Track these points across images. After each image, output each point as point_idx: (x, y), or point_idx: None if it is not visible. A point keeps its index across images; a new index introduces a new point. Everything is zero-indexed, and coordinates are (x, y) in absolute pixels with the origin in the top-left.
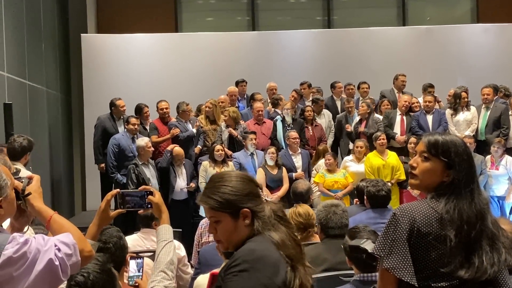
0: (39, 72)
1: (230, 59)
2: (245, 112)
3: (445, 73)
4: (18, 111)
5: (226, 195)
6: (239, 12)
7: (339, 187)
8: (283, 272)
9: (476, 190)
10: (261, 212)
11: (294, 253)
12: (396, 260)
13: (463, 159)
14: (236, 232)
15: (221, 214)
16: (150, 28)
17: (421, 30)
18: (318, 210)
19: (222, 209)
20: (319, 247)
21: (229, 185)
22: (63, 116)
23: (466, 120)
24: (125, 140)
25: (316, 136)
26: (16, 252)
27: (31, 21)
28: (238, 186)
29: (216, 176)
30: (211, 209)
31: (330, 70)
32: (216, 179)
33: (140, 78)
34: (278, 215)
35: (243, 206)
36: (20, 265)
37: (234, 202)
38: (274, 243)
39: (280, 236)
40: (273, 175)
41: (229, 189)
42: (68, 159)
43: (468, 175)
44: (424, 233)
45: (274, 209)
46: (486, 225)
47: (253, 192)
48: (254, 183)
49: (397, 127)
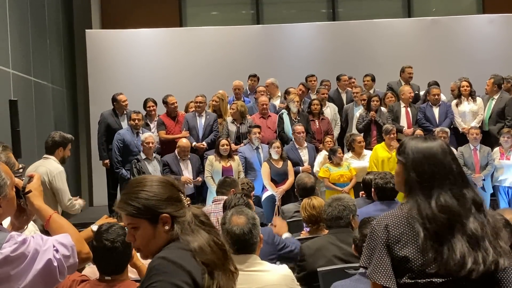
0: (44, 68)
1: (235, 53)
2: (250, 106)
3: (450, 64)
4: (23, 107)
5: (144, 200)
6: (243, 6)
7: (345, 180)
8: (198, 279)
9: (440, 188)
10: (182, 217)
11: (213, 259)
12: (374, 267)
13: (414, 158)
14: (155, 239)
15: (139, 220)
16: (155, 23)
17: (426, 21)
18: (324, 205)
19: (140, 216)
20: (324, 239)
21: (148, 190)
22: (68, 112)
23: (472, 111)
24: (129, 135)
25: (323, 129)
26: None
27: (35, 18)
28: (156, 191)
29: (134, 181)
30: (128, 216)
31: (335, 63)
32: (134, 184)
33: (145, 73)
34: (200, 220)
35: (162, 211)
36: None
37: (152, 208)
38: (190, 249)
39: (198, 242)
40: (278, 169)
41: (147, 194)
42: (74, 155)
43: (423, 174)
44: (397, 235)
45: (196, 213)
46: (461, 222)
47: (173, 197)
48: (174, 187)
49: (403, 120)
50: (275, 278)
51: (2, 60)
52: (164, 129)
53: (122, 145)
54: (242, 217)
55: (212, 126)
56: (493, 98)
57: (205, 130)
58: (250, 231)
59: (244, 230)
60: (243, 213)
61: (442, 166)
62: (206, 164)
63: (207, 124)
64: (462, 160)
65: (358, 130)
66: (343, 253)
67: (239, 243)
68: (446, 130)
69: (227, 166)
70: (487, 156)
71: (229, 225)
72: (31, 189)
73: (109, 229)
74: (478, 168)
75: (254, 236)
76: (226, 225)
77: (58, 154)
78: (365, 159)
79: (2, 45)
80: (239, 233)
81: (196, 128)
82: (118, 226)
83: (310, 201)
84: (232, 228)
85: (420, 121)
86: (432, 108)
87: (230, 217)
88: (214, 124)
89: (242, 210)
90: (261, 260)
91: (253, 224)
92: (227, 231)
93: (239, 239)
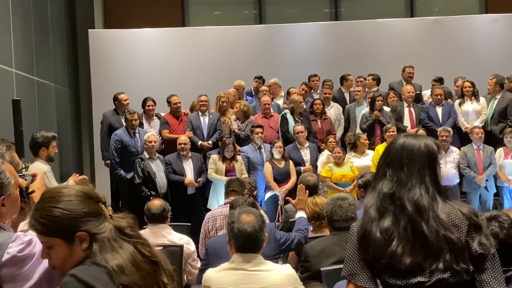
0: (47, 68)
1: (237, 53)
2: (253, 106)
3: (453, 64)
4: (26, 107)
5: (57, 218)
6: (246, 5)
7: (347, 180)
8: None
9: (386, 186)
10: (101, 233)
11: (135, 280)
12: (349, 267)
13: (393, 147)
14: (71, 258)
15: (52, 239)
16: (157, 22)
17: (429, 21)
18: (327, 203)
19: (53, 235)
20: (327, 240)
21: (62, 206)
22: (71, 111)
23: (475, 110)
24: (126, 135)
25: (325, 129)
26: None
27: (38, 18)
28: (72, 207)
29: (48, 194)
30: (40, 235)
31: (338, 63)
32: (47, 199)
33: (147, 72)
34: (124, 233)
35: (78, 229)
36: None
37: (66, 226)
38: (107, 269)
39: (118, 261)
40: (280, 168)
41: (61, 211)
42: (77, 154)
43: (378, 172)
44: (363, 234)
45: (120, 226)
46: (411, 220)
47: (91, 212)
48: (93, 200)
49: (406, 120)
50: (278, 278)
51: (5, 60)
52: (167, 128)
53: (120, 146)
54: (252, 215)
55: (216, 125)
56: (495, 98)
57: (209, 129)
58: (261, 228)
59: (256, 228)
60: (251, 212)
61: (413, 160)
62: (209, 163)
63: (211, 123)
64: (465, 160)
65: (362, 130)
66: None
67: (250, 241)
68: (448, 130)
69: (230, 166)
70: (490, 155)
71: (239, 224)
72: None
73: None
74: (482, 168)
75: (263, 234)
76: (235, 224)
77: (43, 154)
78: (368, 158)
79: (5, 45)
80: (250, 231)
81: (201, 128)
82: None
83: (313, 199)
84: (243, 227)
85: (423, 121)
86: (436, 108)
87: (238, 216)
88: (218, 123)
89: (249, 209)
90: (264, 259)
91: (263, 222)
92: (237, 230)
93: (251, 237)
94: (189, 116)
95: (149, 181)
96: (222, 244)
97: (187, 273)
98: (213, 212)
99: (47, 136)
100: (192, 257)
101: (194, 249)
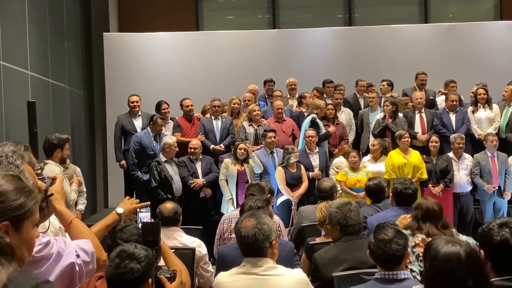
0: (62, 70)
1: (250, 57)
2: (265, 110)
3: (467, 70)
4: (41, 109)
5: None
6: (259, 10)
7: (361, 186)
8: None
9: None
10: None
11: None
12: None
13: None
14: None
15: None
16: (171, 26)
17: (443, 27)
18: (332, 211)
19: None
20: (336, 247)
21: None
22: (85, 114)
23: (489, 118)
24: (147, 138)
25: (337, 134)
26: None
27: (54, 21)
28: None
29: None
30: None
31: (351, 68)
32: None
33: (161, 76)
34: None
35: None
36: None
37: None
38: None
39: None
40: (292, 173)
41: None
42: (91, 156)
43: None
44: None
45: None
46: None
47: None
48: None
49: (417, 126)
50: (290, 283)
51: (20, 62)
52: (180, 131)
53: (139, 147)
54: (252, 220)
55: (229, 129)
56: (510, 105)
57: (222, 133)
58: (254, 235)
59: (249, 234)
60: (254, 216)
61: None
62: (221, 167)
63: (224, 127)
64: (478, 168)
65: (374, 136)
66: (357, 261)
67: (244, 245)
68: (462, 136)
69: (241, 169)
70: (505, 162)
71: (240, 228)
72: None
73: (124, 229)
74: (496, 176)
75: (259, 241)
76: (237, 228)
77: (57, 156)
78: (381, 164)
79: (21, 47)
80: (244, 235)
81: (213, 131)
82: (133, 225)
83: (327, 203)
84: (242, 231)
85: (436, 127)
86: (449, 114)
87: (242, 220)
88: (231, 127)
89: (257, 213)
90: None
91: (260, 229)
92: (239, 234)
93: (243, 241)
94: (202, 120)
95: (166, 184)
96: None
97: (198, 276)
98: (230, 214)
99: (62, 138)
100: (203, 260)
101: (205, 252)
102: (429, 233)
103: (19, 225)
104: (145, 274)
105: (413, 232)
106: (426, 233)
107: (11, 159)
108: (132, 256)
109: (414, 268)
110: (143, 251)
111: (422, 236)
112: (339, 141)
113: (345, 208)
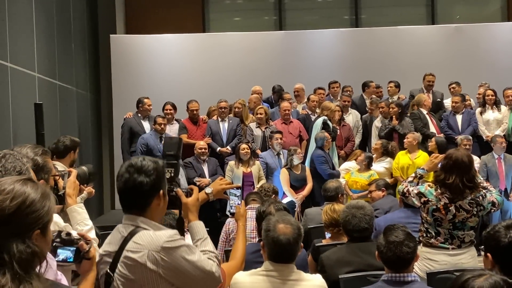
0: (69, 72)
1: (257, 59)
2: (272, 112)
3: (474, 72)
4: (48, 111)
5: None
6: (266, 11)
7: (357, 187)
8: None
9: None
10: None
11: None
12: None
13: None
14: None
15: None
16: (178, 28)
17: (450, 28)
18: (342, 210)
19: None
20: (343, 249)
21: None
22: (92, 116)
23: (497, 119)
24: (153, 139)
25: (344, 136)
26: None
27: (61, 23)
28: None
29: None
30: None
31: (358, 70)
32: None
33: (168, 78)
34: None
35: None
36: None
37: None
38: None
39: None
40: (297, 175)
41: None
42: (98, 158)
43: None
44: None
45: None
46: None
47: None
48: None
49: (431, 127)
50: None
51: (28, 64)
52: (186, 133)
53: (145, 149)
54: (289, 226)
55: (236, 130)
56: None
57: (228, 134)
58: (296, 241)
59: (291, 240)
60: (289, 222)
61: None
62: (226, 169)
63: (231, 129)
64: (484, 170)
65: (380, 138)
66: (363, 263)
67: (284, 253)
68: (469, 138)
69: (247, 172)
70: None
71: (275, 233)
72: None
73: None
74: (503, 178)
75: (299, 246)
76: (271, 232)
77: (70, 158)
78: (381, 165)
79: (28, 49)
80: (285, 242)
81: (220, 133)
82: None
83: (332, 205)
84: (279, 237)
85: (442, 128)
86: (455, 116)
87: (275, 224)
88: (238, 128)
89: (288, 219)
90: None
91: (299, 234)
92: (272, 239)
93: (285, 249)
94: (209, 122)
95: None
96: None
97: None
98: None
99: (75, 140)
100: None
101: None
102: (453, 184)
103: (46, 229)
104: (155, 187)
105: (437, 195)
106: (449, 186)
107: (18, 155)
108: (141, 169)
109: (430, 229)
110: (152, 163)
111: (445, 200)
112: (345, 143)
113: (350, 211)
